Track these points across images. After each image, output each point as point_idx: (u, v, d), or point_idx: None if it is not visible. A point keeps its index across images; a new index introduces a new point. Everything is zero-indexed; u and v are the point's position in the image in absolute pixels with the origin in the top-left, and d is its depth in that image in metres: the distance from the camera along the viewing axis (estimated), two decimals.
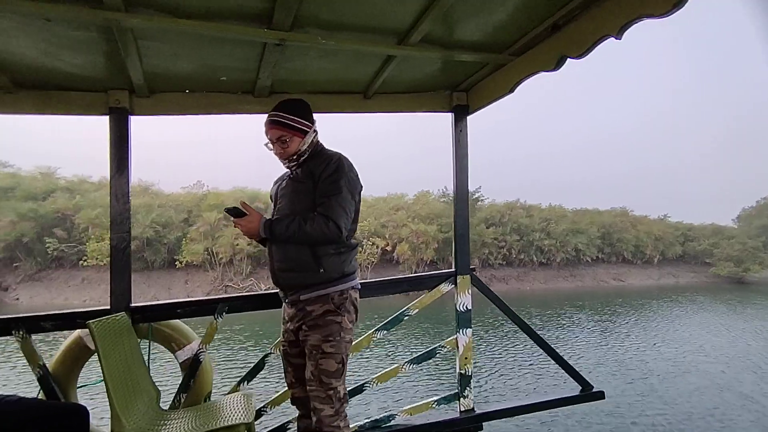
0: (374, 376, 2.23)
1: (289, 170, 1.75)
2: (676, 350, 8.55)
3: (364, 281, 1.82)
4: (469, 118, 2.26)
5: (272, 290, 1.92)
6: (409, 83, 2.12)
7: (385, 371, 2.26)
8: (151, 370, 1.97)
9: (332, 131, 1.75)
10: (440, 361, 6.06)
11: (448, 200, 23.02)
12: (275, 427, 2.11)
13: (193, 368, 2.05)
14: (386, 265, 20.16)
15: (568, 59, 1.58)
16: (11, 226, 18.16)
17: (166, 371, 4.63)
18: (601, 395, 2.37)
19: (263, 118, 1.71)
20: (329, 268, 1.62)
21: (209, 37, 1.53)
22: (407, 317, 2.24)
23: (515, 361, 7.55)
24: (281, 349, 1.80)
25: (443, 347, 2.26)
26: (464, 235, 2.24)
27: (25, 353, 1.89)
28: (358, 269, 1.75)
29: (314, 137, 1.71)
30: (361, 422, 2.15)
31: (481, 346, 8.22)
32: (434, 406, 2.23)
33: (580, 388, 2.39)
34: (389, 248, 20.35)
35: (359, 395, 2.22)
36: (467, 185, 2.26)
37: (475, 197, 22.83)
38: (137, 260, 18.23)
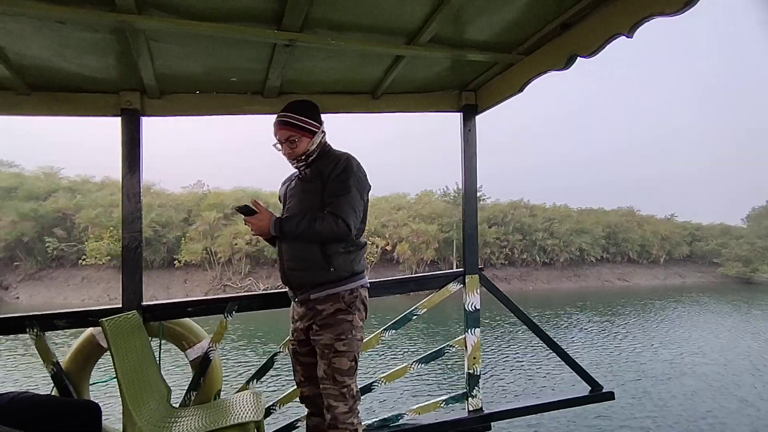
0: (383, 375, 2.24)
1: (297, 170, 1.76)
2: (674, 352, 8.46)
3: (371, 281, 1.83)
4: (477, 118, 2.26)
5: (281, 289, 1.94)
6: (417, 83, 2.13)
7: (393, 370, 2.26)
8: (161, 368, 1.98)
9: (336, 132, 1.76)
10: (447, 360, 6.05)
11: (449, 200, 23.01)
12: (284, 425, 2.12)
13: (203, 366, 2.07)
14: (387, 264, 20.17)
15: (578, 58, 1.58)
16: (12, 225, 18.27)
17: (176, 369, 4.65)
18: (610, 396, 2.36)
19: (270, 118, 1.73)
20: (339, 266, 1.63)
21: (220, 38, 1.54)
22: (415, 317, 2.25)
23: (511, 361, 7.55)
24: (290, 347, 1.80)
25: (451, 347, 2.27)
26: (473, 234, 2.24)
27: (39, 350, 1.91)
28: (366, 268, 1.76)
29: (322, 138, 1.73)
30: (369, 421, 2.16)
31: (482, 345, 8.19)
32: (442, 405, 2.23)
33: (589, 388, 2.38)
34: (389, 248, 20.35)
35: (368, 394, 2.22)
36: (476, 185, 2.26)
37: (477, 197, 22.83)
38: None
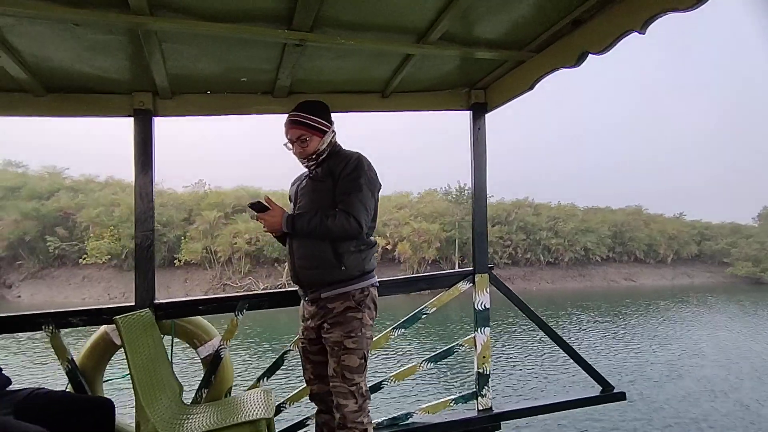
0: (392, 373, 2.25)
1: (307, 170, 1.77)
2: (673, 353, 8.31)
3: (380, 279, 1.84)
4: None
5: (291, 288, 1.95)
6: (427, 81, 2.13)
7: (402, 369, 2.27)
8: (173, 365, 2.00)
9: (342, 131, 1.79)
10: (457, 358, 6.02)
11: (451, 198, 22.95)
12: (294, 422, 2.13)
13: (214, 364, 2.08)
14: (388, 264, 20.14)
15: (589, 55, 1.57)
16: (15, 224, 18.42)
17: (188, 367, 4.66)
18: (622, 396, 2.35)
19: (277, 118, 1.75)
20: (350, 265, 1.64)
21: (231, 38, 1.55)
22: (425, 315, 2.25)
23: (521, 361, 7.54)
24: (300, 346, 1.81)
25: (461, 346, 2.27)
26: (483, 233, 2.24)
27: (54, 347, 1.94)
28: (376, 267, 1.77)
29: (333, 137, 1.74)
30: (379, 420, 2.16)
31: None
32: (452, 404, 2.23)
33: (600, 388, 2.38)
34: (389, 247, 20.30)
35: (377, 393, 2.23)
36: (485, 183, 2.26)
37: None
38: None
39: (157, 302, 2.01)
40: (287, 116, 1.72)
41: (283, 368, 2.24)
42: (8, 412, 1.48)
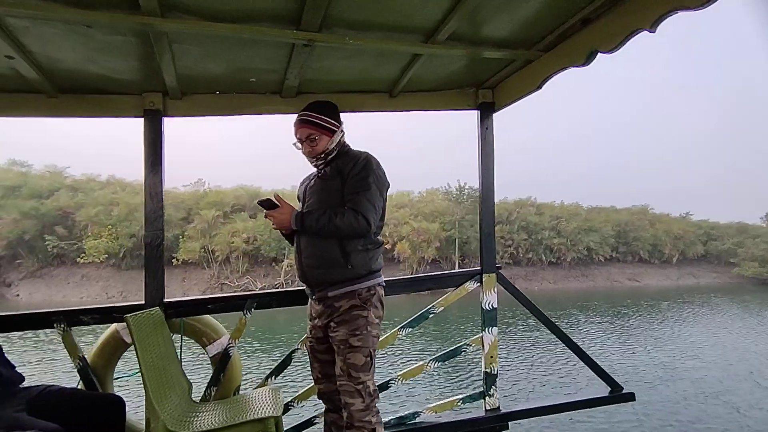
0: (399, 373, 2.25)
1: (316, 169, 1.77)
2: (671, 355, 8.12)
3: (388, 279, 1.84)
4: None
5: (299, 287, 1.95)
6: (434, 81, 2.13)
7: (409, 368, 2.27)
8: (182, 363, 2.00)
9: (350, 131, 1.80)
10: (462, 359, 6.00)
11: (451, 197, 22.90)
12: (302, 421, 2.14)
13: (222, 362, 2.09)
14: (387, 263, 20.09)
15: (599, 54, 1.57)
16: (14, 223, 18.43)
17: (197, 365, 4.64)
18: (631, 397, 2.34)
19: (284, 118, 1.75)
20: (357, 264, 1.64)
21: (240, 39, 1.56)
22: (432, 315, 2.26)
23: (528, 360, 7.51)
24: (308, 345, 1.82)
25: (468, 345, 2.27)
26: (490, 233, 2.25)
27: (66, 345, 1.96)
28: (383, 266, 1.77)
29: (341, 137, 1.75)
30: (386, 419, 2.16)
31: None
32: (459, 404, 2.24)
33: (609, 389, 2.37)
34: (388, 246, 20.23)
35: (384, 392, 2.23)
36: (494, 184, 2.27)
37: (478, 194, 22.71)
38: (135, 258, 18.37)
39: (167, 301, 2.02)
40: (297, 116, 1.73)
41: (291, 366, 2.24)
42: (21, 408, 1.49)
